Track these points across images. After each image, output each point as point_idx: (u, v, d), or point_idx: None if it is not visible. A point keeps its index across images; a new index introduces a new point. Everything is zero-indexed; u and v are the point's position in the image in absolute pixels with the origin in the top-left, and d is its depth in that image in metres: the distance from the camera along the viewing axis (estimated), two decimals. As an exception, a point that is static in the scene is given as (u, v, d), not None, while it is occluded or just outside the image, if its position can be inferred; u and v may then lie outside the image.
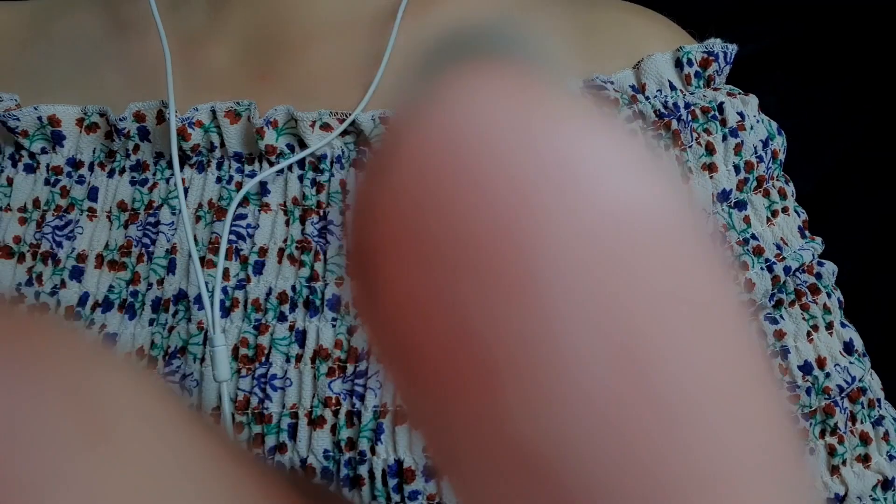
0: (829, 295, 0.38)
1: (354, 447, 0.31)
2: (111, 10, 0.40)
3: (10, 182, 0.36)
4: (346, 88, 0.36)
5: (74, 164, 0.36)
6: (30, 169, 0.36)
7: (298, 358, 0.32)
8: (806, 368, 0.36)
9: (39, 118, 0.36)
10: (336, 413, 0.32)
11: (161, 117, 0.36)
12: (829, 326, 0.37)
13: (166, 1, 0.38)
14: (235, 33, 0.38)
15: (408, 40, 0.37)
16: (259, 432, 0.32)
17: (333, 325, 0.33)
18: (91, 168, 0.36)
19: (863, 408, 0.37)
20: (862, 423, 0.37)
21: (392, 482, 0.31)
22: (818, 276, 0.38)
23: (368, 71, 0.36)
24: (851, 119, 0.75)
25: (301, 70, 0.37)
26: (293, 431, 0.32)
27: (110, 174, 0.36)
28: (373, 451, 0.31)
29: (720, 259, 0.07)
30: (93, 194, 0.35)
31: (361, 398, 0.31)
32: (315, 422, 0.32)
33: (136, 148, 0.36)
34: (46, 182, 0.36)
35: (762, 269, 0.36)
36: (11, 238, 0.35)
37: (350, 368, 0.32)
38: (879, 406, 0.38)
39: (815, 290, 0.37)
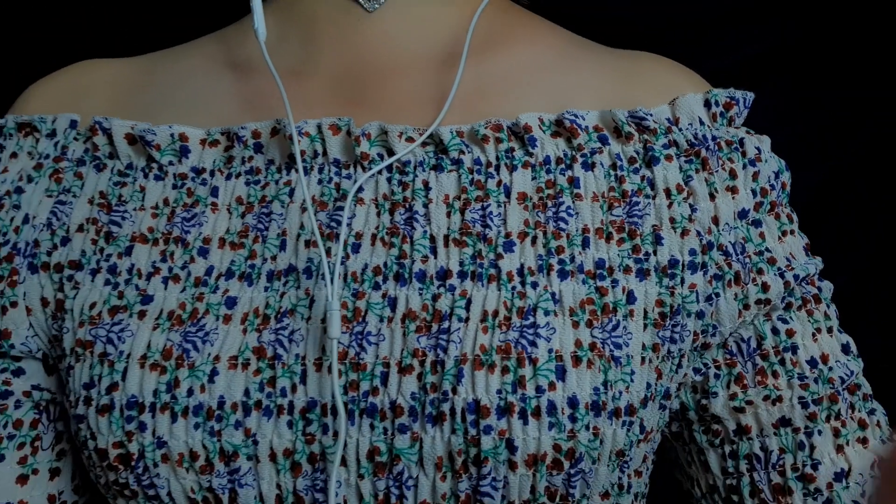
0: (828, 306, 0.45)
1: (437, 389, 0.37)
2: (223, 54, 0.48)
3: (142, 189, 0.44)
4: (421, 112, 0.44)
5: (197, 171, 0.44)
6: (158, 178, 0.44)
7: (390, 319, 0.39)
8: (812, 363, 0.43)
9: (172, 135, 0.44)
10: (423, 363, 0.38)
11: (274, 132, 0.43)
12: (829, 330, 0.45)
13: (268, 44, 0.46)
14: (327, 70, 0.45)
15: (470, 75, 0.45)
16: (355, 379, 0.38)
17: (420, 294, 0.39)
18: (212, 174, 0.44)
19: (860, 399, 0.44)
20: (859, 411, 0.44)
21: (469, 418, 0.37)
22: (819, 289, 0.45)
23: (439, 99, 0.44)
24: (854, 119, 0.75)
25: (383, 98, 0.44)
26: (384, 378, 0.38)
27: (228, 177, 0.43)
28: (454, 392, 0.37)
29: None
30: (215, 192, 0.43)
31: (445, 350, 0.38)
32: (404, 369, 0.38)
33: (251, 158, 0.43)
34: (174, 186, 0.43)
35: (776, 275, 0.43)
36: (146, 228, 0.42)
37: (435, 327, 0.38)
38: (871, 400, 0.45)
39: (817, 299, 0.45)
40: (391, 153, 0.42)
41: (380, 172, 0.42)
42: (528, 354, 0.37)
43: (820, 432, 0.43)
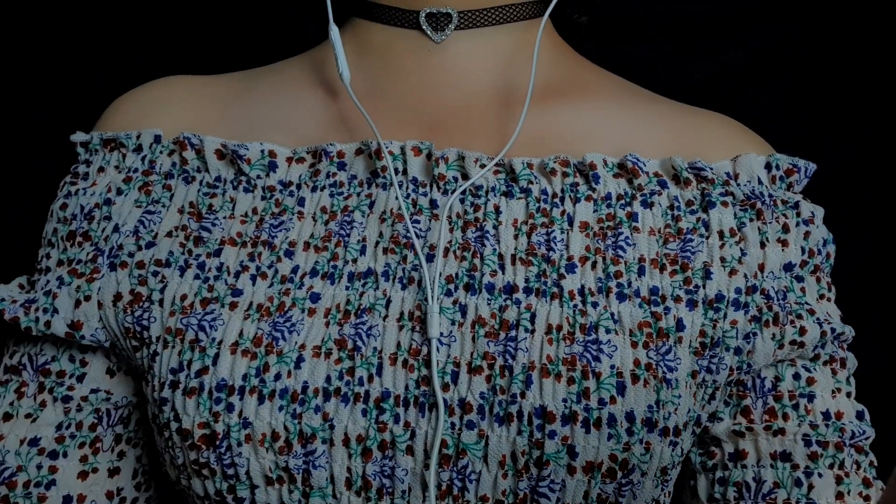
0: (850, 375, 0.47)
1: (506, 392, 0.40)
2: (308, 76, 0.51)
3: (232, 200, 0.47)
4: (487, 144, 0.47)
5: (285, 184, 0.47)
6: (248, 190, 0.47)
7: (460, 324, 0.42)
8: (827, 415, 0.45)
9: (262, 151, 0.47)
10: (492, 366, 0.40)
11: (359, 152, 0.47)
12: (848, 395, 0.47)
13: (352, 47, 0.50)
14: (402, 98, 0.49)
15: (535, 119, 0.48)
16: (426, 374, 0.41)
17: (489, 304, 0.42)
18: (299, 186, 0.47)
19: (866, 464, 0.46)
20: (865, 472, 0.45)
21: (536, 422, 0.39)
22: (846, 356, 0.47)
23: (504, 134, 0.48)
24: (857, 119, 0.74)
25: (454, 129, 0.48)
26: (454, 377, 0.40)
27: (313, 189, 0.47)
28: (522, 396, 0.40)
29: None
30: (301, 202, 0.46)
31: (513, 357, 0.40)
32: (474, 370, 0.40)
33: (335, 174, 0.47)
34: (263, 197, 0.47)
35: (815, 322, 0.45)
36: (235, 233, 0.45)
37: (503, 335, 0.41)
38: (874, 469, 0.46)
39: (843, 363, 0.47)
40: (465, 177, 0.46)
41: (453, 192, 0.45)
42: (592, 368, 0.40)
43: (821, 475, 0.44)
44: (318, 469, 0.40)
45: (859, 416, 0.46)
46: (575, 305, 0.42)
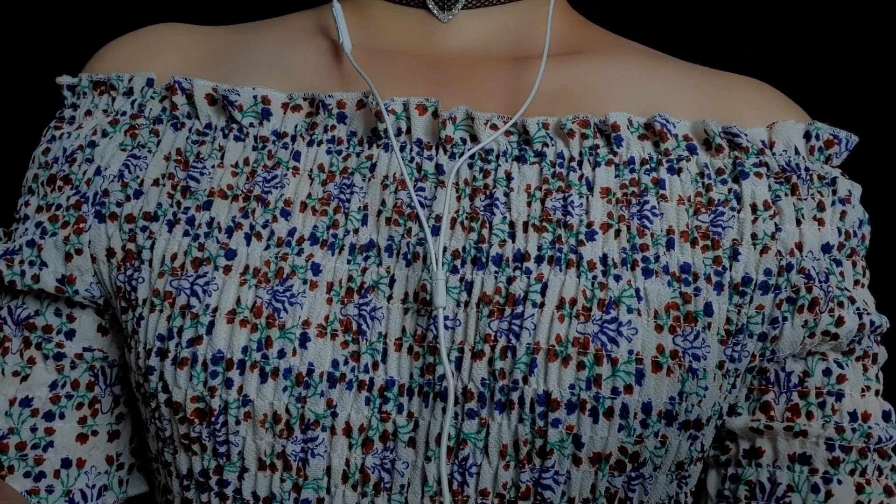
0: (880, 370, 0.44)
1: (507, 377, 0.37)
2: (313, 26, 0.48)
3: (221, 148, 0.43)
4: (502, 103, 0.44)
5: (279, 135, 0.44)
6: (238, 138, 0.44)
7: (466, 304, 0.39)
8: (854, 416, 0.42)
9: (255, 97, 0.44)
10: (493, 348, 0.38)
11: (360, 105, 0.43)
12: (877, 393, 0.44)
13: (351, 35, 0.46)
14: (411, 53, 0.46)
15: (552, 76, 0.45)
16: (431, 362, 0.38)
17: (495, 277, 0.39)
18: (294, 139, 0.44)
19: (888, 468, 0.42)
20: (887, 479, 0.42)
21: (539, 409, 0.37)
22: (878, 352, 0.44)
23: (519, 93, 0.44)
24: (853, 119, 0.73)
25: (467, 86, 0.45)
26: (458, 363, 0.38)
27: (310, 144, 0.43)
28: (525, 381, 0.37)
29: None
30: (296, 157, 0.43)
31: (517, 336, 0.38)
32: (476, 355, 0.38)
33: (333, 127, 0.43)
34: (254, 148, 0.43)
35: (854, 313, 0.42)
36: (226, 185, 0.42)
37: (508, 311, 0.38)
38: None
39: (875, 359, 0.44)
40: (474, 138, 0.43)
41: (460, 156, 0.42)
42: (608, 352, 0.37)
43: (840, 482, 0.41)
44: (317, 458, 0.38)
45: (885, 416, 0.43)
46: (594, 277, 0.39)
